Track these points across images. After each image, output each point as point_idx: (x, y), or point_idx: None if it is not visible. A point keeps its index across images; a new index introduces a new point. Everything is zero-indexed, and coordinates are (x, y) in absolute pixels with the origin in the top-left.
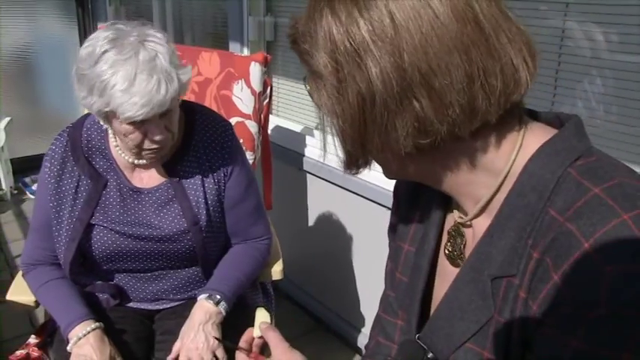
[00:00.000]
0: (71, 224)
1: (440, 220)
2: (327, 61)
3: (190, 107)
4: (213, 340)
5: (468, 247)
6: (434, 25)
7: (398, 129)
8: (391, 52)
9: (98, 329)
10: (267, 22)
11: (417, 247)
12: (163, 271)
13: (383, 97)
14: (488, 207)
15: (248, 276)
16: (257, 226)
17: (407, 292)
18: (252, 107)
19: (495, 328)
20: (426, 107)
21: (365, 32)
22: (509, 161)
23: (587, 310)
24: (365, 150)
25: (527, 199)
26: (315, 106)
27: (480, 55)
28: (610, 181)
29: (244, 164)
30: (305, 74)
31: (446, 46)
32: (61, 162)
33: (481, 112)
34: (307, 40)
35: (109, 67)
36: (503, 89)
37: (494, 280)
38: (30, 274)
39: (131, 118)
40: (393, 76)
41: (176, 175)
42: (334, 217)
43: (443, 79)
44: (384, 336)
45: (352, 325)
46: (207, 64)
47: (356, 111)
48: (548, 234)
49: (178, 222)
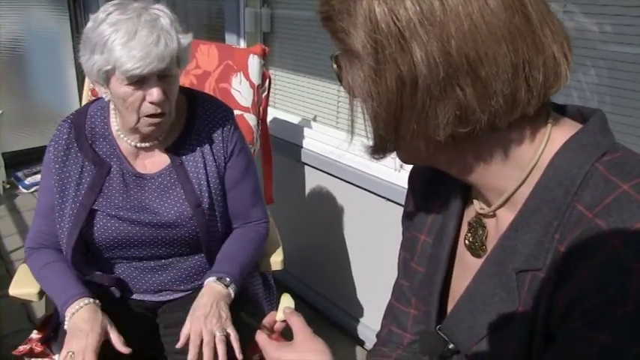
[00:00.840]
0: (74, 210)
1: (459, 210)
2: (366, 41)
3: (192, 94)
4: (224, 314)
5: (489, 239)
6: (483, 12)
7: (439, 116)
8: (439, 37)
9: (92, 304)
10: (263, 13)
11: (434, 237)
12: (167, 260)
13: (427, 82)
14: (512, 199)
15: (251, 257)
16: (256, 209)
17: (424, 283)
18: (251, 100)
19: (519, 321)
20: (469, 95)
21: (412, 13)
22: (536, 154)
23: (614, 307)
24: (398, 135)
25: (553, 193)
26: (345, 88)
27: (525, 46)
28: (638, 178)
29: (244, 146)
30: (334, 53)
31: (494, 35)
32: (65, 148)
33: (522, 104)
34: (344, 17)
35: (111, 25)
36: (544, 82)
37: (519, 273)
38: (31, 258)
39: (129, 71)
40: (439, 61)
41: (179, 159)
42: (333, 209)
43: (489, 68)
44: (397, 325)
45: (351, 315)
46: (205, 56)
47: (394, 95)
48: (576, 229)
49: (181, 206)
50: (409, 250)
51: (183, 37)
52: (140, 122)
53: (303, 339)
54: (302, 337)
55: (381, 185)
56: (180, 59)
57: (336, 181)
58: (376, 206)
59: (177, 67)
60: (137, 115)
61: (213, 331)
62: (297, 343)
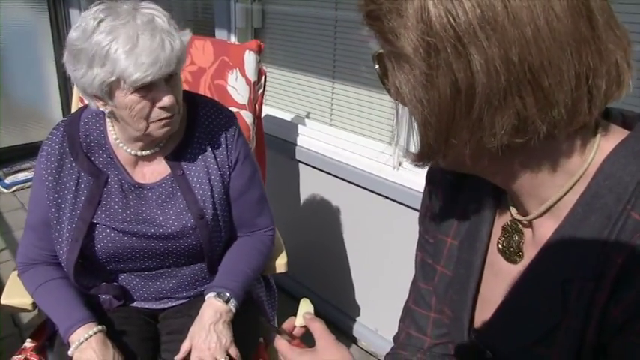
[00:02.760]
0: (73, 224)
1: (491, 215)
2: (418, 44)
3: (192, 98)
4: (225, 339)
5: (527, 245)
6: (548, 17)
7: (496, 126)
8: (501, 42)
9: (100, 332)
10: (254, 9)
11: (462, 240)
12: (168, 269)
13: (485, 90)
14: (554, 207)
15: (255, 269)
16: (262, 217)
17: (452, 287)
18: (247, 97)
19: (565, 331)
20: (529, 105)
21: (472, 16)
22: (585, 163)
23: None
24: (448, 144)
25: (603, 200)
26: (390, 92)
27: (590, 53)
28: None
29: (248, 154)
30: (377, 53)
31: (559, 42)
32: (58, 159)
33: (583, 115)
34: (394, 17)
35: (108, 33)
36: (605, 92)
37: (566, 282)
38: (26, 274)
39: (139, 80)
40: (500, 69)
41: (179, 169)
42: (327, 206)
43: (552, 77)
44: (416, 328)
45: (347, 314)
46: (200, 52)
47: (447, 102)
48: (633, 239)
49: (184, 217)
50: (431, 253)
51: (183, 35)
52: (150, 128)
53: (326, 345)
54: (325, 344)
55: (379, 183)
56: (182, 56)
57: (330, 179)
58: (374, 204)
59: (180, 66)
60: (146, 121)
61: (216, 356)
62: (319, 350)
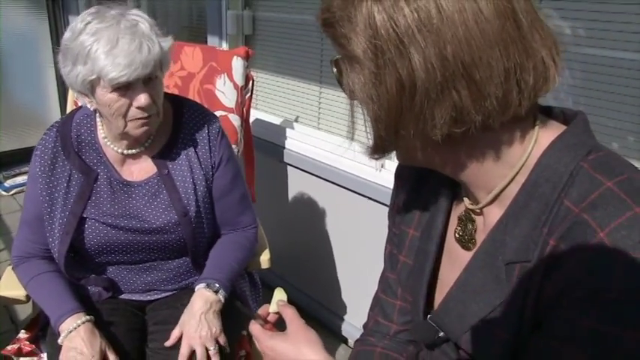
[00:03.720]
0: (64, 218)
1: (447, 206)
2: (366, 47)
3: (178, 101)
4: (215, 328)
5: (478, 233)
6: (478, 19)
7: (435, 117)
8: (436, 42)
9: (89, 322)
10: (245, 16)
11: (422, 231)
12: (154, 262)
13: (424, 85)
14: (500, 196)
15: (240, 263)
16: (244, 215)
17: (412, 274)
18: (235, 101)
19: (508, 309)
20: (464, 97)
21: (411, 20)
22: (525, 154)
23: (600, 294)
24: (398, 136)
25: (541, 189)
26: (345, 91)
27: (517, 51)
28: (621, 176)
29: (231, 155)
30: (333, 58)
31: (488, 41)
32: (51, 157)
33: (514, 105)
34: (345, 24)
35: (92, 35)
36: (533, 85)
37: (508, 265)
38: (20, 267)
39: (115, 79)
40: (436, 65)
41: (165, 168)
42: (315, 208)
43: (483, 71)
44: (383, 316)
45: (335, 313)
46: (190, 58)
47: (394, 97)
48: (563, 223)
49: (168, 214)
50: (396, 244)
51: (164, 41)
52: (128, 126)
53: (296, 329)
54: (295, 328)
55: (363, 184)
56: (163, 62)
57: (318, 181)
58: (358, 205)
59: (160, 70)
60: (124, 120)
61: (206, 344)
62: (290, 333)
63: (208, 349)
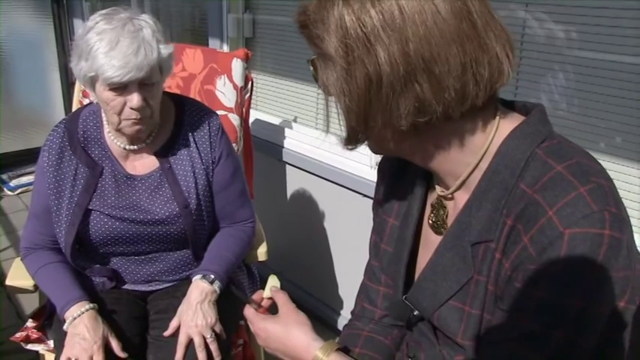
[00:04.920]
0: (70, 210)
1: (422, 194)
2: (338, 45)
3: (180, 99)
4: (210, 317)
5: (449, 218)
6: (436, 19)
7: (400, 108)
8: (399, 40)
9: (92, 310)
10: (245, 19)
11: (401, 220)
12: (156, 254)
13: (389, 79)
14: (466, 182)
15: (237, 256)
16: (243, 210)
17: (392, 260)
18: (235, 101)
19: (475, 286)
20: (425, 90)
21: (376, 21)
22: (486, 142)
23: (549, 266)
24: (367, 126)
25: (501, 175)
26: (320, 87)
27: (472, 48)
28: (570, 160)
29: (231, 151)
30: (311, 58)
31: (445, 38)
32: (59, 152)
33: (471, 97)
34: (319, 25)
35: (97, 34)
36: (489, 78)
37: (474, 245)
38: (28, 258)
39: (109, 79)
40: (399, 61)
41: (167, 162)
42: (312, 205)
43: (442, 66)
44: (369, 301)
45: (332, 308)
46: (191, 60)
47: (363, 90)
48: (519, 204)
49: (170, 206)
50: (379, 234)
51: (164, 48)
52: (122, 124)
53: (287, 312)
54: (286, 310)
55: (358, 182)
56: (163, 68)
57: (315, 179)
58: (353, 202)
59: (159, 75)
60: (118, 118)
61: (203, 333)
62: (281, 315)
63: (205, 337)
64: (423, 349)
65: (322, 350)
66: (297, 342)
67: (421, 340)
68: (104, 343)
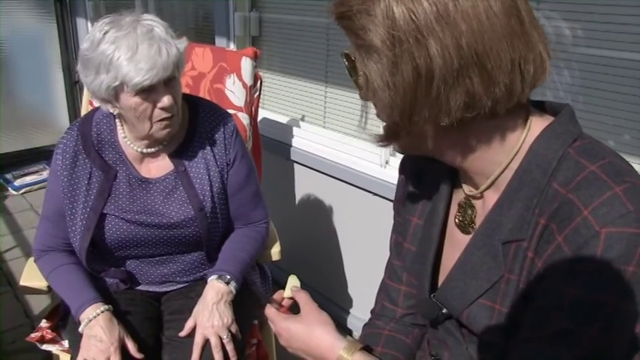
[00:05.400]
0: (85, 214)
1: (448, 194)
2: (385, 37)
3: (194, 101)
4: (227, 317)
5: (478, 217)
6: (488, 14)
7: (450, 102)
8: (453, 33)
9: (107, 311)
10: (252, 17)
11: (425, 219)
12: (170, 256)
13: (442, 72)
14: (497, 181)
15: (251, 256)
16: (257, 211)
17: (416, 260)
18: (244, 100)
19: (506, 284)
20: (476, 84)
21: (429, 13)
22: (519, 141)
23: (585, 264)
24: (411, 121)
25: (533, 174)
26: (359, 81)
27: (520, 45)
28: (602, 160)
29: (245, 153)
30: (344, 51)
31: (497, 34)
32: (73, 155)
33: (517, 93)
34: (364, 16)
35: (111, 43)
36: (534, 75)
37: (505, 244)
38: (41, 260)
39: (139, 84)
40: (453, 54)
41: (182, 165)
42: (321, 204)
43: (494, 61)
44: (390, 300)
45: (341, 307)
46: (200, 58)
47: (410, 84)
48: (552, 203)
49: (185, 209)
50: (401, 233)
51: (179, 43)
52: (153, 128)
53: (310, 311)
54: (308, 310)
55: (368, 180)
56: (179, 64)
57: (324, 178)
58: (363, 200)
59: (177, 71)
60: (150, 122)
61: (219, 333)
62: (303, 315)
63: (221, 337)
64: (448, 348)
65: (346, 350)
66: (320, 341)
67: (446, 339)
68: (120, 345)
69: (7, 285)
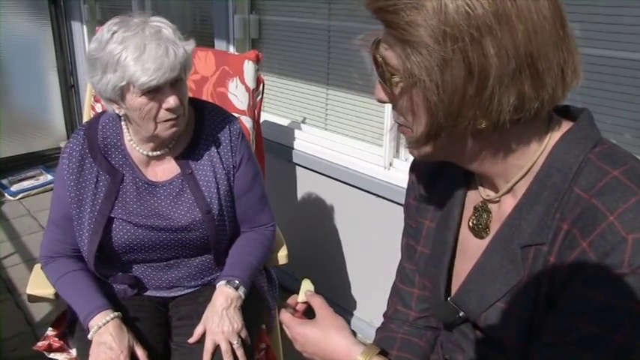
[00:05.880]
0: (93, 218)
1: (463, 197)
2: (437, 33)
3: (199, 104)
4: (237, 323)
5: (493, 221)
6: (540, 17)
7: (503, 103)
8: (511, 33)
9: (117, 318)
10: (251, 20)
11: (438, 222)
12: (178, 260)
13: (498, 72)
14: (516, 186)
15: (259, 260)
16: (263, 214)
17: (430, 262)
18: (247, 103)
19: (524, 288)
20: (527, 87)
21: (488, 9)
22: (542, 146)
23: (611, 270)
24: (457, 122)
25: (553, 179)
26: (396, 78)
27: (564, 49)
28: (624, 165)
29: (251, 155)
30: (377, 39)
31: (547, 37)
32: (79, 159)
33: (559, 98)
34: (412, 11)
35: (119, 43)
36: (570, 80)
37: (524, 248)
38: (49, 267)
39: (145, 84)
40: (511, 54)
41: (188, 168)
42: (323, 206)
43: (545, 64)
44: (402, 304)
45: (345, 309)
46: (203, 62)
47: (460, 83)
48: (575, 209)
49: (192, 212)
50: (413, 236)
51: (187, 44)
52: (158, 128)
53: (325, 316)
54: (324, 314)
55: (371, 182)
56: (186, 65)
57: (326, 180)
58: (366, 203)
59: (184, 73)
60: (154, 122)
61: (229, 339)
62: (319, 320)
63: (232, 343)
64: (463, 350)
65: (364, 355)
66: (336, 347)
67: (461, 342)
68: (130, 352)
69: (6, 292)
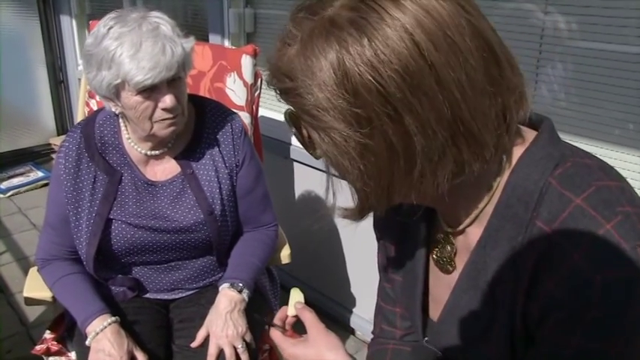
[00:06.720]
0: (91, 219)
1: (426, 227)
2: (349, 117)
3: (200, 101)
4: (241, 327)
5: (459, 254)
6: (467, 70)
7: (438, 175)
8: (433, 105)
9: (115, 323)
10: (246, 13)
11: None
12: (179, 262)
13: (424, 150)
14: (479, 217)
15: (263, 261)
16: (266, 213)
17: (404, 292)
18: (245, 99)
19: (498, 327)
20: (464, 151)
21: (401, 85)
22: (500, 171)
23: (582, 313)
24: (391, 201)
25: (514, 209)
26: (319, 153)
27: (502, 92)
28: (588, 189)
29: (253, 154)
30: (290, 111)
31: (479, 90)
32: (76, 159)
33: (504, 143)
34: (315, 93)
35: (115, 39)
36: (516, 117)
37: (492, 285)
38: (45, 269)
39: (140, 82)
40: (436, 128)
41: (189, 167)
42: (321, 202)
43: (480, 122)
44: (387, 323)
45: (343, 306)
46: (200, 57)
47: (385, 164)
48: (539, 246)
49: (194, 213)
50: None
51: (186, 42)
52: (155, 127)
53: (318, 334)
54: (316, 332)
55: None
56: (185, 63)
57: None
58: None
59: (183, 71)
60: (150, 121)
61: (234, 343)
62: (311, 339)
63: (236, 347)
64: None
65: None
66: None
67: None
68: (130, 358)
69: None
